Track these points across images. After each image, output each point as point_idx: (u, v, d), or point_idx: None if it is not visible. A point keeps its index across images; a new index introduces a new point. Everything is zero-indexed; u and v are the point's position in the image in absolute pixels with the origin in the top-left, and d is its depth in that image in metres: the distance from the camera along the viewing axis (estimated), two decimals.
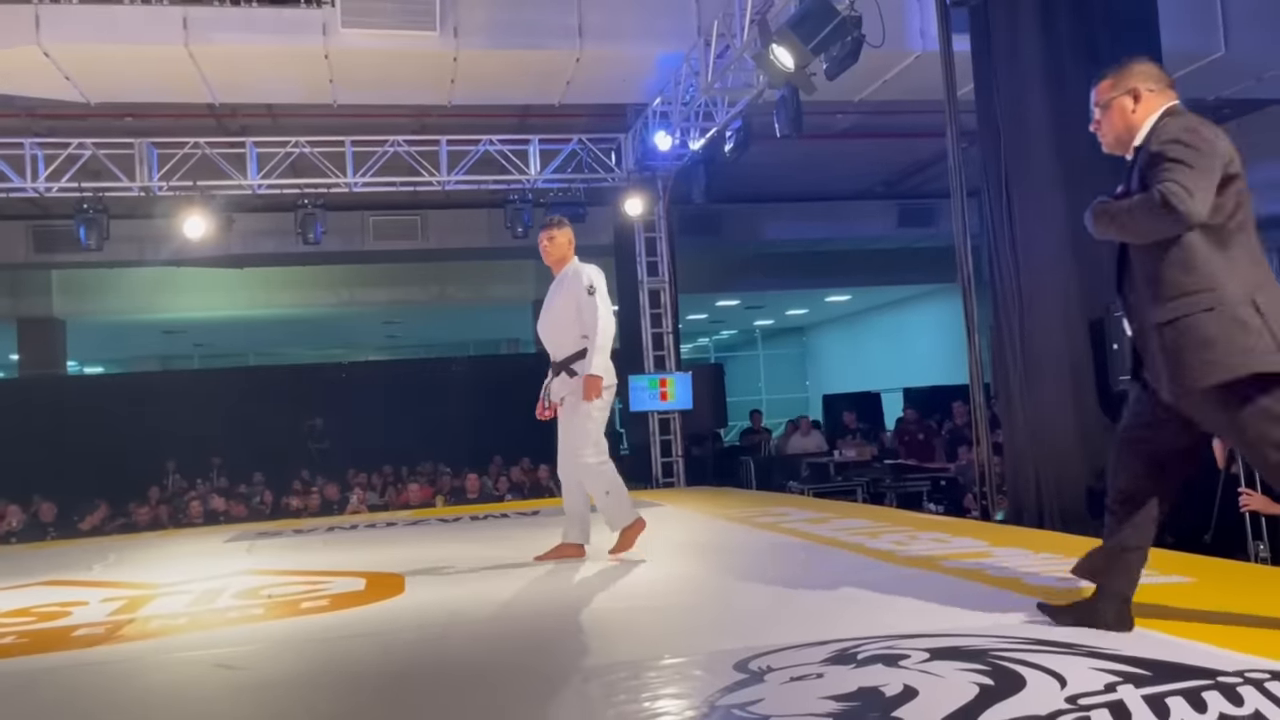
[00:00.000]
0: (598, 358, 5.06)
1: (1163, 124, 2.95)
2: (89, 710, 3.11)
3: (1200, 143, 2.83)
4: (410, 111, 10.71)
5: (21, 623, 4.44)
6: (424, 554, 6.13)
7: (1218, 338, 2.78)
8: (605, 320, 5.08)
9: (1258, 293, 2.81)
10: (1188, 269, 2.84)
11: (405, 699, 2.99)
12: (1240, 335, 2.77)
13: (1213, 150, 2.82)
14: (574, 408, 5.18)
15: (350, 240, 14.01)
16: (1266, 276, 2.86)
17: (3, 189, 9.85)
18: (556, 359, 5.27)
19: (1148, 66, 3.07)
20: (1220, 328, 2.78)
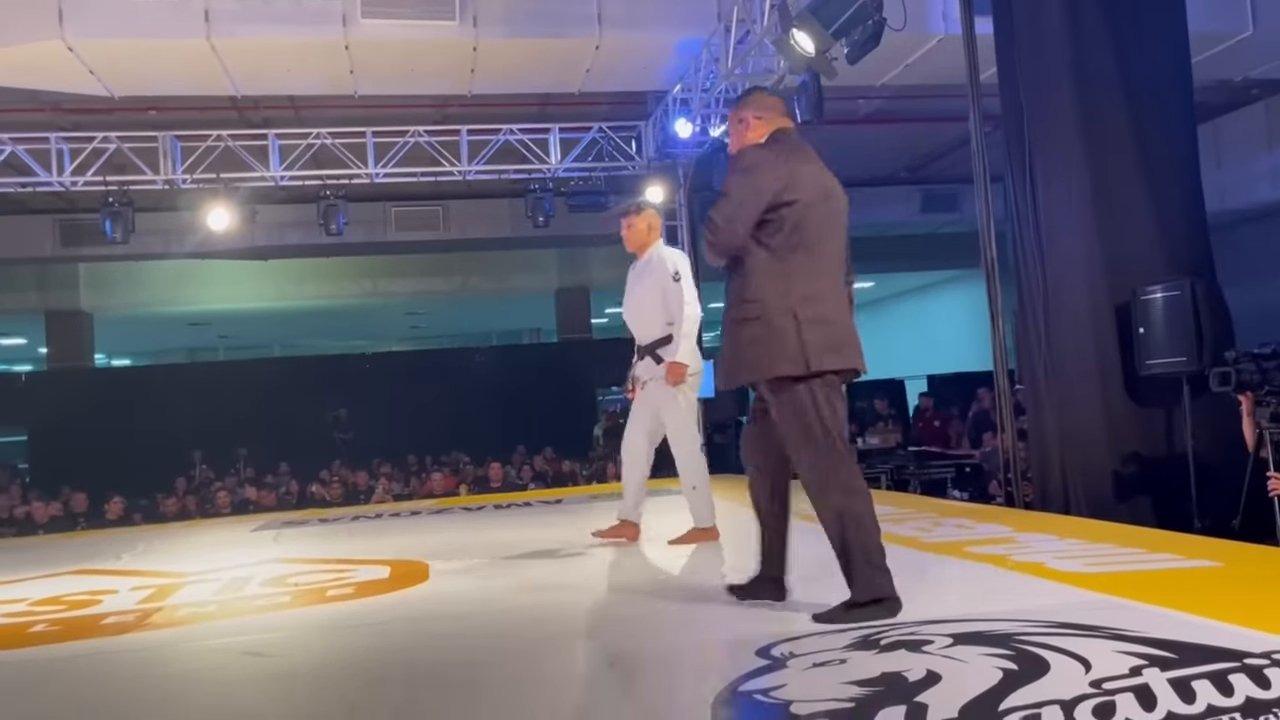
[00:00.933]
0: (684, 345, 5.07)
1: (742, 152, 3.32)
2: (118, 696, 3.16)
3: (750, 174, 3.20)
4: (431, 102, 10.73)
5: (53, 611, 4.50)
6: (448, 542, 6.17)
7: (755, 344, 3.20)
8: (691, 306, 5.08)
9: (803, 305, 3.17)
10: (745, 284, 3.23)
11: (429, 686, 3.01)
12: (775, 343, 3.18)
13: (755, 183, 3.17)
14: (659, 393, 5.20)
15: (373, 231, 14.06)
16: (822, 289, 3.21)
17: (30, 183, 9.95)
18: (642, 343, 5.31)
19: (759, 97, 3.47)
20: (760, 336, 3.19)
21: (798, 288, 3.19)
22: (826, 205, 3.28)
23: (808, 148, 3.36)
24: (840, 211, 3.36)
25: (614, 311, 22.04)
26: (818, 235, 3.24)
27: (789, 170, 3.22)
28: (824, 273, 3.26)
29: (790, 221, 3.20)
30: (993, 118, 6.51)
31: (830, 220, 3.29)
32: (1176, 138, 5.78)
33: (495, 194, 14.16)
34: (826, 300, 3.23)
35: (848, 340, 3.29)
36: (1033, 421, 6.08)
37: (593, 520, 6.88)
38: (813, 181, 3.26)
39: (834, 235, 3.30)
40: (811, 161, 3.32)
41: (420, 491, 11.43)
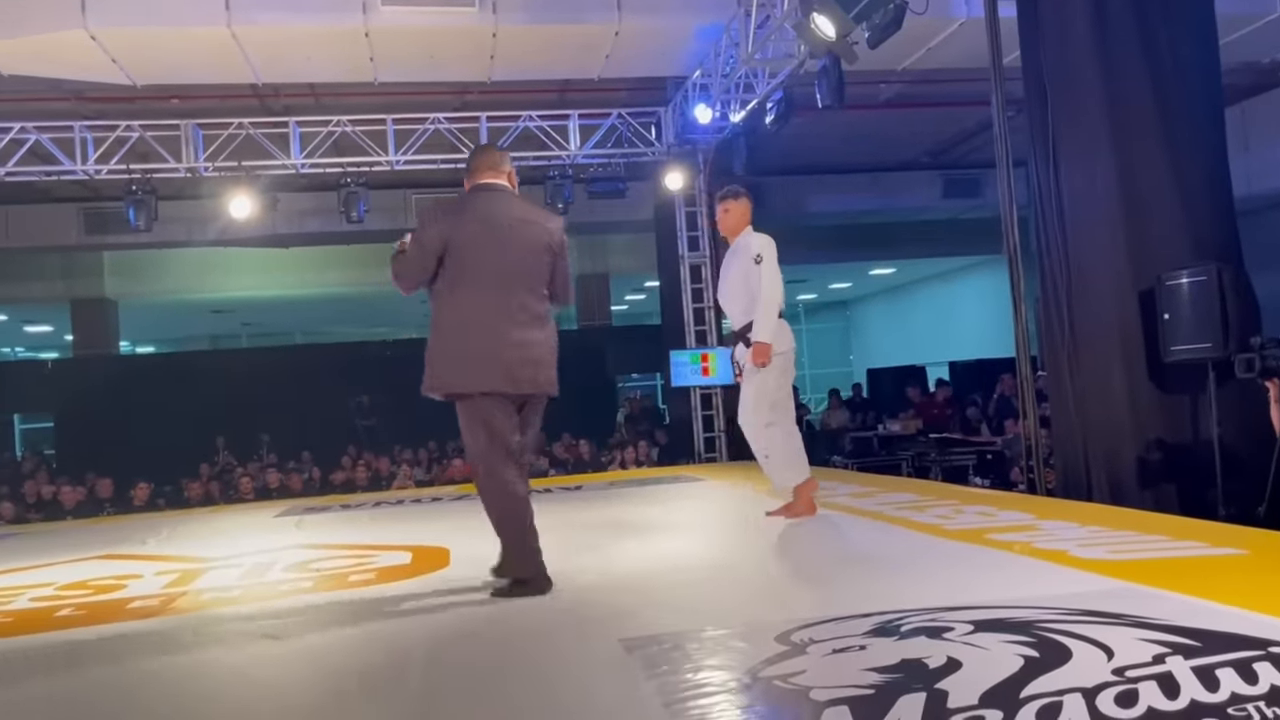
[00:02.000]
0: (764, 325, 5.16)
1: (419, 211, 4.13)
2: (144, 679, 3.19)
3: (418, 235, 3.80)
4: (450, 89, 10.73)
5: (79, 595, 4.56)
6: (468, 528, 6.19)
7: (431, 363, 3.82)
8: (771, 289, 5.18)
9: (454, 334, 3.76)
10: (433, 312, 3.84)
11: (449, 669, 3.03)
12: (435, 363, 3.81)
13: (421, 241, 3.77)
14: (750, 373, 5.29)
15: (393, 218, 14.06)
16: (478, 319, 3.75)
17: (54, 172, 10.03)
18: (735, 328, 5.44)
19: (472, 159, 4.06)
20: (433, 356, 3.81)
21: (465, 317, 3.77)
22: (495, 244, 3.79)
23: (494, 193, 3.92)
24: (520, 243, 3.85)
25: (633, 299, 22.04)
26: (479, 272, 3.77)
27: (448, 223, 3.79)
28: (485, 303, 3.78)
29: (454, 266, 3.75)
30: (1015, 102, 6.44)
31: (483, 257, 3.79)
32: (1203, 121, 5.70)
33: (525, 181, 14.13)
34: (472, 332, 3.77)
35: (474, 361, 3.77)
36: (1055, 408, 6.03)
37: (611, 507, 6.91)
38: (478, 226, 3.80)
39: (504, 268, 3.80)
40: (485, 207, 3.87)
41: (441, 478, 11.48)
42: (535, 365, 3.89)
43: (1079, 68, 5.74)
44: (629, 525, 5.96)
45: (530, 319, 3.87)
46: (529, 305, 3.87)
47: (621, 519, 6.27)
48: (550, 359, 3.99)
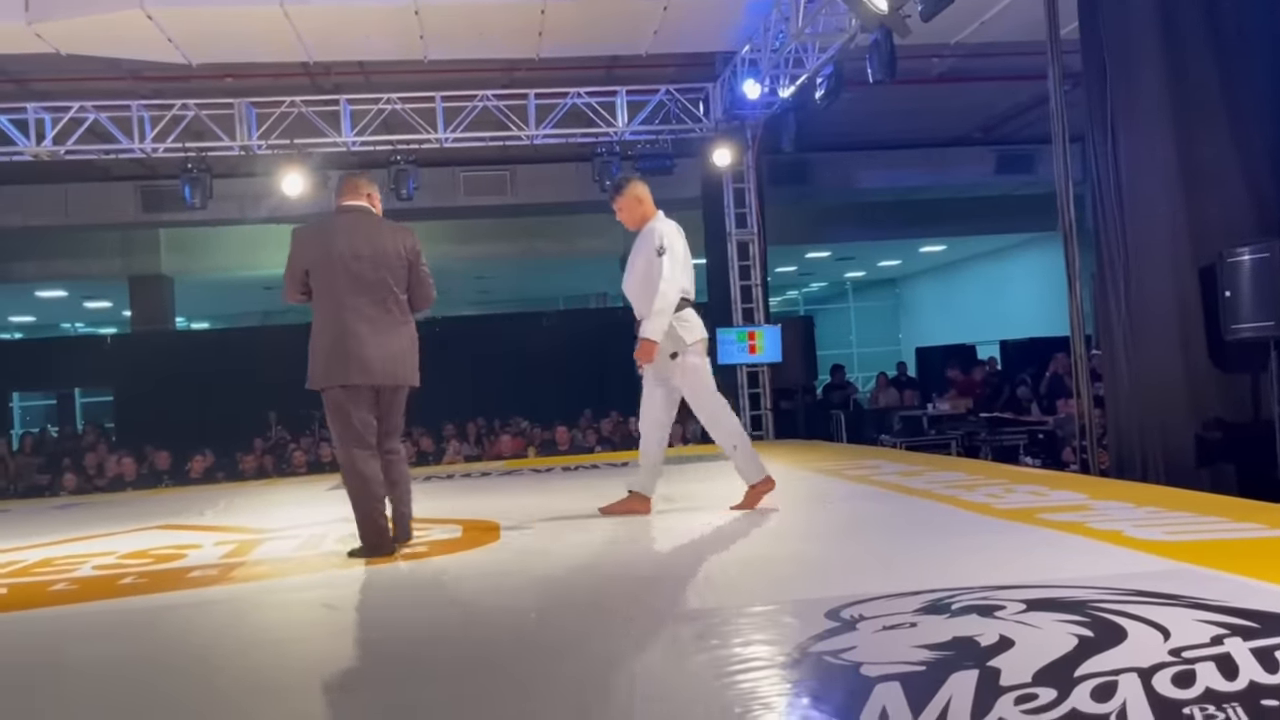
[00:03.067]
0: (655, 321, 4.91)
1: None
2: (207, 645, 3.28)
3: (289, 258, 4.45)
4: (499, 66, 10.74)
5: (141, 564, 4.68)
6: (518, 503, 6.26)
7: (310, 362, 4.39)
8: (669, 284, 4.91)
9: (319, 338, 4.37)
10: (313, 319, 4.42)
11: (501, 640, 3.07)
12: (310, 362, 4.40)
13: (291, 264, 4.46)
14: (664, 366, 5.10)
15: (441, 196, 14.18)
16: (336, 324, 4.34)
17: (113, 150, 10.23)
18: (639, 317, 5.17)
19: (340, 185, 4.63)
20: (312, 355, 4.38)
21: (328, 326, 4.36)
22: (351, 260, 4.36)
23: (352, 214, 4.50)
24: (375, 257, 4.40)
25: None
26: (337, 284, 4.35)
27: (310, 247, 4.43)
28: (342, 312, 4.35)
29: (320, 281, 4.37)
30: (1072, 75, 6.31)
31: (343, 268, 4.35)
32: (1268, 93, 5.54)
33: (562, 158, 14.16)
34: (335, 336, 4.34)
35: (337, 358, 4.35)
36: (1110, 387, 5.93)
37: (659, 484, 6.94)
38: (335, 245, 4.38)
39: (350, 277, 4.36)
40: (344, 227, 4.45)
41: (489, 453, 11.59)
42: (392, 361, 4.44)
43: (1139, 39, 5.60)
44: (677, 501, 5.98)
45: (389, 322, 4.44)
46: (387, 309, 4.43)
47: (669, 494, 6.29)
48: (408, 355, 4.54)
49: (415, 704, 2.49)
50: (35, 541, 5.58)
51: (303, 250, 4.43)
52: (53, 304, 20.40)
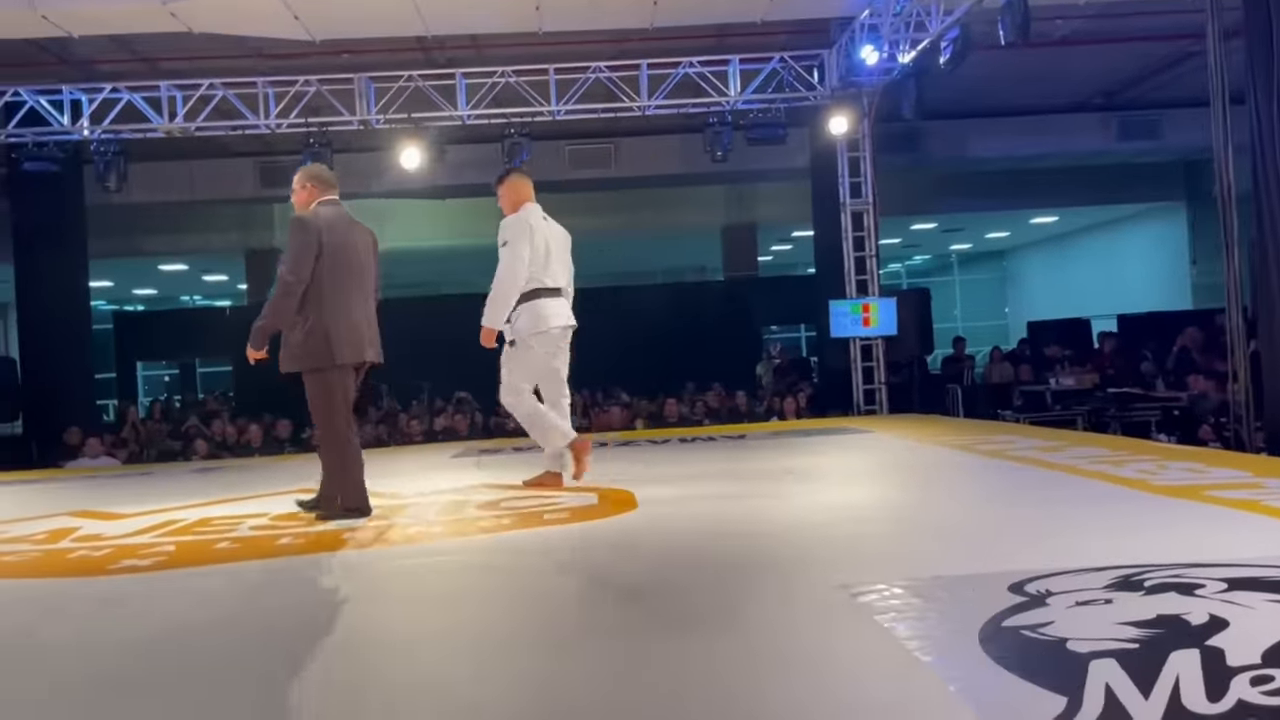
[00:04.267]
0: (488, 309, 5.40)
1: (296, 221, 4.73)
2: (374, 598, 3.35)
3: (299, 234, 4.63)
4: (609, 37, 10.70)
5: (295, 525, 4.81)
6: (644, 472, 6.28)
7: (301, 343, 4.65)
8: (503, 276, 5.39)
9: (319, 318, 4.61)
10: (306, 305, 4.63)
11: (655, 607, 3.06)
12: (307, 342, 4.64)
13: (308, 238, 4.60)
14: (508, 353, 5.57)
15: (546, 169, 14.20)
16: (344, 309, 4.65)
17: (238, 126, 10.51)
18: None
19: (313, 169, 5.06)
20: (304, 338, 4.63)
21: (330, 308, 4.63)
22: (345, 249, 4.71)
23: (338, 208, 4.85)
24: (361, 248, 4.83)
25: (779, 249, 21.77)
26: (344, 269, 4.69)
27: (320, 230, 4.65)
28: (348, 296, 4.69)
29: (326, 265, 4.63)
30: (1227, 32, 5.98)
31: (349, 257, 4.73)
32: None
33: (667, 130, 14.09)
34: (337, 319, 4.64)
35: (352, 341, 4.70)
36: (1269, 361, 5.65)
37: (782, 457, 6.88)
38: (338, 235, 4.70)
39: (353, 266, 4.75)
40: (341, 220, 4.79)
41: (597, 425, 11.65)
42: (376, 341, 4.88)
43: None
44: (807, 474, 5.92)
45: (370, 304, 4.86)
46: (366, 295, 4.84)
47: (796, 468, 6.24)
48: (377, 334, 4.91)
49: (575, 670, 2.50)
50: (188, 502, 5.78)
51: (321, 237, 4.67)
52: (174, 277, 21.18)
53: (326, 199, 4.85)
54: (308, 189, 4.87)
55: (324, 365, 4.65)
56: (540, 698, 2.30)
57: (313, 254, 4.62)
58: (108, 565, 4.08)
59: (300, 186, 4.89)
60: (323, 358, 4.64)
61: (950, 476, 5.60)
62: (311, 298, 4.64)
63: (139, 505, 5.72)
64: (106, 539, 4.69)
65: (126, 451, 11.05)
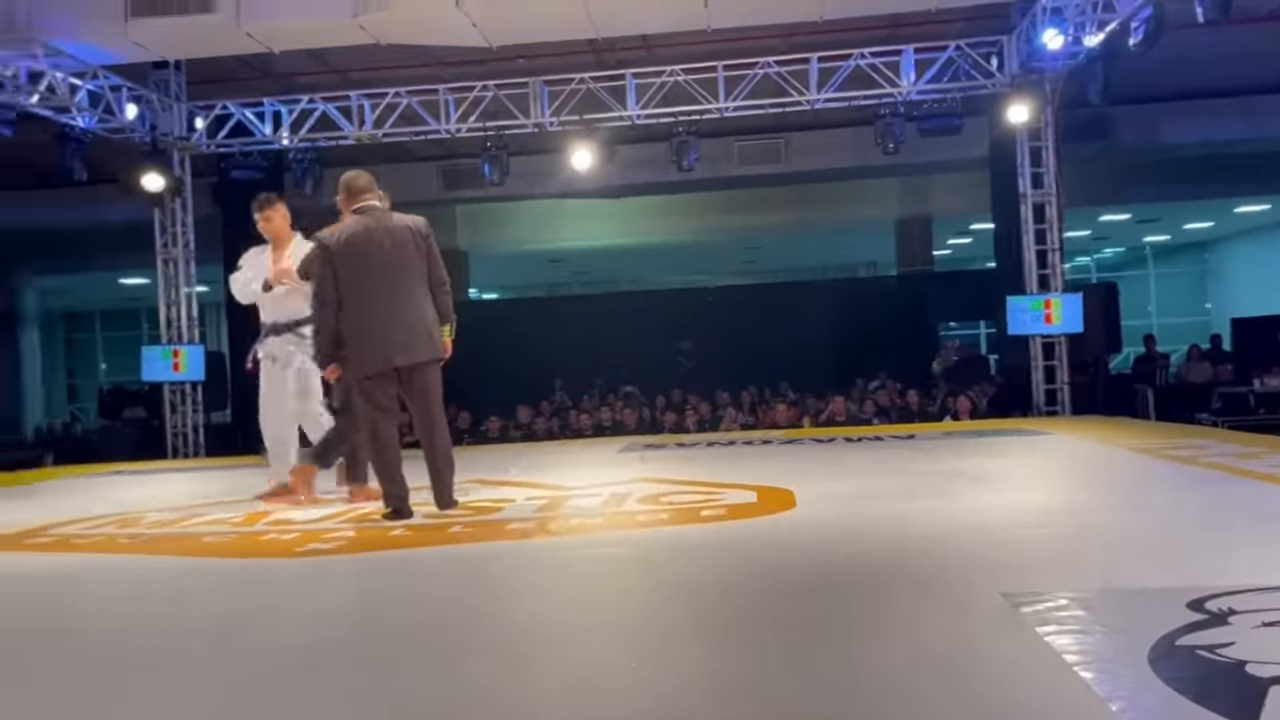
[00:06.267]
0: None
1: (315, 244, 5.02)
2: (540, 586, 3.48)
3: (316, 257, 4.91)
4: (778, 31, 10.62)
5: (464, 515, 5.03)
6: (807, 471, 6.22)
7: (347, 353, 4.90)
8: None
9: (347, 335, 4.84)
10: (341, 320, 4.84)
11: (816, 608, 3.04)
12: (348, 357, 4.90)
13: (320, 262, 4.84)
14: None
15: (716, 166, 14.26)
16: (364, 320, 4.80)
17: (421, 132, 11.03)
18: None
19: (344, 179, 5.04)
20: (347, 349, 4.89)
21: (347, 322, 4.83)
22: (364, 258, 4.78)
23: (366, 215, 4.88)
24: (390, 249, 4.82)
25: (956, 242, 21.02)
26: (356, 282, 4.79)
27: (331, 252, 4.80)
28: (367, 304, 4.80)
29: (346, 278, 4.79)
30: None
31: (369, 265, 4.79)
32: None
33: (837, 123, 13.86)
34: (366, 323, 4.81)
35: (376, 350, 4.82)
36: None
37: (952, 458, 6.67)
38: (355, 247, 4.79)
39: (376, 272, 4.79)
40: (361, 229, 4.83)
41: (764, 422, 11.61)
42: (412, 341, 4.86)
43: None
44: (977, 477, 5.72)
45: (407, 302, 4.84)
46: (402, 290, 4.84)
47: (966, 470, 6.04)
48: (426, 333, 4.89)
49: (748, 663, 2.51)
50: None
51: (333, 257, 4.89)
52: None
53: (360, 206, 4.93)
54: (340, 200, 5.03)
55: (355, 376, 4.88)
56: (706, 695, 2.33)
57: (328, 275, 4.80)
58: (294, 548, 4.38)
59: (337, 197, 5.06)
60: (351, 370, 4.89)
61: (1132, 482, 5.30)
62: (341, 313, 4.84)
63: (326, 491, 6.09)
64: (295, 524, 5.04)
65: None
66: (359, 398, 4.94)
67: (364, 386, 4.88)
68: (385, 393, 4.88)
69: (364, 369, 4.83)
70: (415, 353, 4.85)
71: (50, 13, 8.82)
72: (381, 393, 4.87)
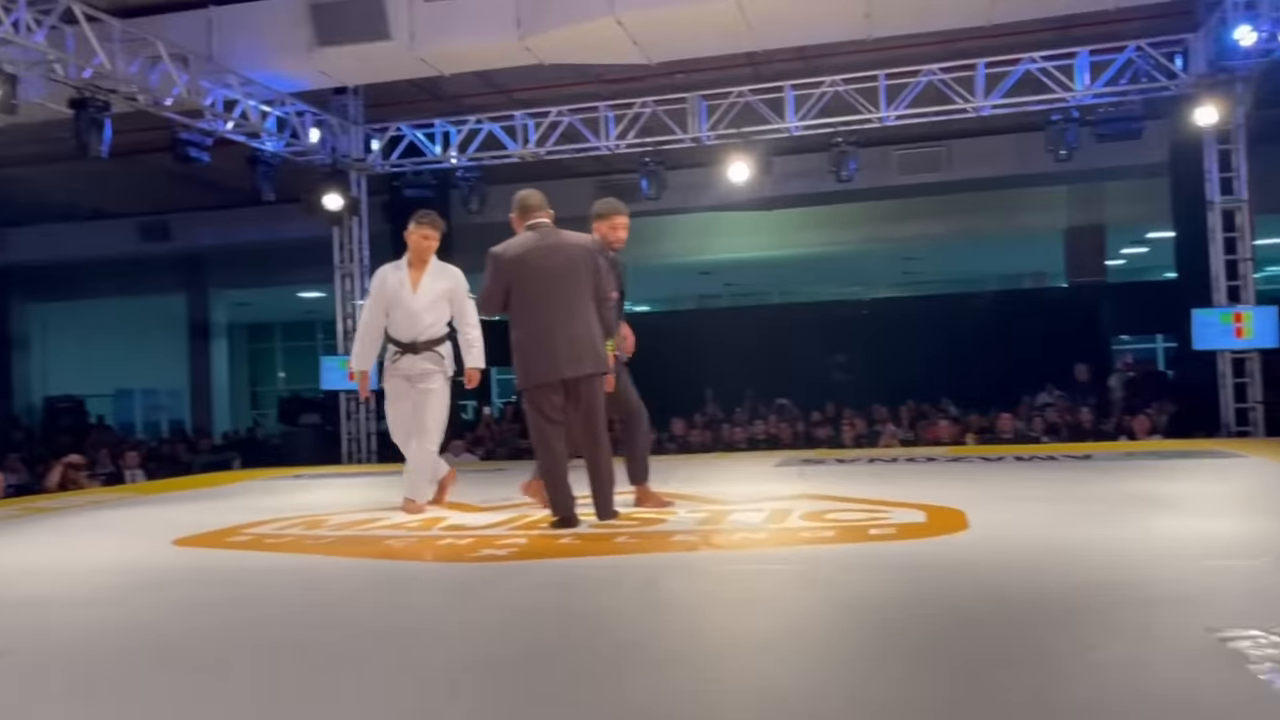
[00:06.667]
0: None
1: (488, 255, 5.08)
2: (707, 597, 3.48)
3: (490, 267, 5.02)
4: (940, 38, 10.37)
5: (628, 525, 5.08)
6: (977, 491, 6.01)
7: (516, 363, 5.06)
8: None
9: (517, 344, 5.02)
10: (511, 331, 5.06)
11: (996, 637, 2.92)
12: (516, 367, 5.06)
13: (494, 273, 5.02)
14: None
15: (874, 176, 14.01)
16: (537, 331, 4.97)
17: (583, 149, 11.27)
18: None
19: (518, 197, 5.22)
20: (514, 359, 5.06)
21: (526, 329, 5.00)
22: (539, 271, 4.98)
23: (541, 229, 5.09)
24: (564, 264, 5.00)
25: (1130, 252, 19.95)
26: (531, 293, 4.98)
27: (505, 264, 5.02)
28: (538, 316, 4.97)
29: (515, 293, 5.00)
30: None
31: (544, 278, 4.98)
32: None
33: (1002, 129, 13.42)
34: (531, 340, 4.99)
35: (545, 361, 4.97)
36: None
37: (1133, 481, 6.32)
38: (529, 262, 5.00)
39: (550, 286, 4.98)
40: (535, 245, 5.03)
41: (924, 438, 11.30)
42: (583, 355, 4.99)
43: None
44: (1167, 502, 5.41)
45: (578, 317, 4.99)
46: (575, 306, 4.99)
47: (1153, 494, 5.71)
48: (592, 347, 5.02)
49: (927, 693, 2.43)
50: (524, 500, 6.24)
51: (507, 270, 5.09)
52: None
53: (532, 222, 5.12)
54: (513, 218, 5.23)
55: (524, 386, 5.03)
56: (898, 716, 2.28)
57: (500, 286, 5.00)
58: (469, 554, 4.53)
59: (511, 216, 5.25)
60: (521, 379, 5.04)
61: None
62: (511, 324, 5.04)
63: (496, 499, 6.27)
64: (469, 529, 5.20)
65: (482, 449, 12.17)
66: (528, 407, 5.10)
67: (533, 396, 5.03)
68: (552, 403, 5.02)
69: (533, 379, 4.99)
70: (582, 365, 4.99)
71: (244, 46, 9.49)
72: (549, 403, 5.01)
